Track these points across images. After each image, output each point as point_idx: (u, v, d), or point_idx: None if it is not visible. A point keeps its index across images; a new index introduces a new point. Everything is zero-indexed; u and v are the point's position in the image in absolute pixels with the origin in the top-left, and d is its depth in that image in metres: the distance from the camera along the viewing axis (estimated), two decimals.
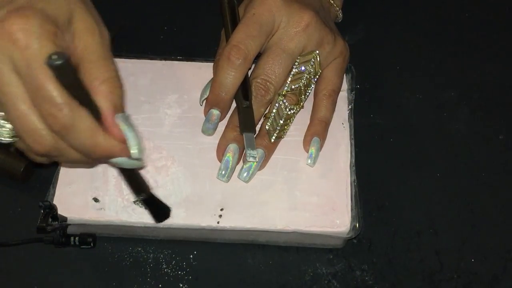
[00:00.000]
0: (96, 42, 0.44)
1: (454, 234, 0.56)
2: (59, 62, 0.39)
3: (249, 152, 0.52)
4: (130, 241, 0.54)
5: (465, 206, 0.57)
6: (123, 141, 0.43)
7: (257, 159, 0.52)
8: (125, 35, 0.65)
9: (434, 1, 0.72)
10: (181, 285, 0.52)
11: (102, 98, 0.43)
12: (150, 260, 0.53)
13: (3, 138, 0.46)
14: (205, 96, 0.55)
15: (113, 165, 0.46)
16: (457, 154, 0.60)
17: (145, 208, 0.51)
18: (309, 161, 0.54)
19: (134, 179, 0.49)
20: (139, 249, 0.54)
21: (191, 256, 0.54)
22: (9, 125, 0.45)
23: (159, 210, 0.51)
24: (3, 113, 0.44)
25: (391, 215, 0.57)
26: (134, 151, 0.44)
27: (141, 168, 0.48)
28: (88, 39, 0.44)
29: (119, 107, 0.44)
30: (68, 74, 0.40)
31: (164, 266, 0.53)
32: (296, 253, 0.54)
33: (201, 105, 0.56)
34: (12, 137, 0.46)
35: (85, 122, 0.42)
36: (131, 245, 0.54)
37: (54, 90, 0.40)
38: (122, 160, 0.45)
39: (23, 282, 0.52)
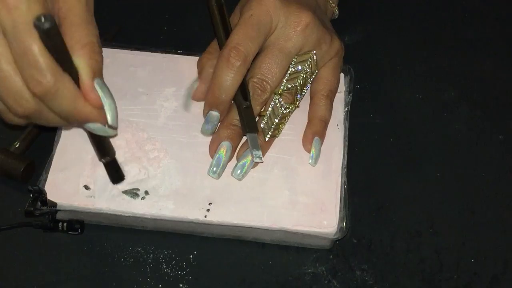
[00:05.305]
0: (81, 4, 0.44)
1: (454, 234, 0.56)
2: (47, 26, 0.39)
3: (254, 152, 0.52)
4: (130, 241, 0.54)
5: (465, 206, 0.57)
6: (99, 107, 0.44)
7: (262, 159, 0.52)
8: (125, 34, 0.65)
9: (434, 1, 0.72)
10: (181, 285, 0.52)
11: (82, 62, 0.43)
12: (150, 260, 0.53)
13: None
14: (188, 102, 0.56)
15: (87, 129, 0.46)
16: (457, 154, 0.60)
17: (106, 170, 0.51)
18: (310, 161, 0.54)
19: (101, 143, 0.49)
20: (139, 249, 0.54)
21: (191, 256, 0.54)
22: None
23: (117, 173, 0.51)
24: None
25: (391, 215, 0.56)
26: (109, 117, 0.45)
27: (113, 136, 0.49)
28: (72, 1, 0.43)
29: (98, 73, 0.44)
30: (53, 37, 0.40)
31: (164, 266, 0.53)
32: (296, 253, 0.54)
33: (184, 111, 0.56)
34: None
35: (67, 88, 0.42)
36: (131, 245, 0.54)
37: (39, 55, 0.40)
38: (96, 127, 0.45)
39: (10, 265, 0.52)
